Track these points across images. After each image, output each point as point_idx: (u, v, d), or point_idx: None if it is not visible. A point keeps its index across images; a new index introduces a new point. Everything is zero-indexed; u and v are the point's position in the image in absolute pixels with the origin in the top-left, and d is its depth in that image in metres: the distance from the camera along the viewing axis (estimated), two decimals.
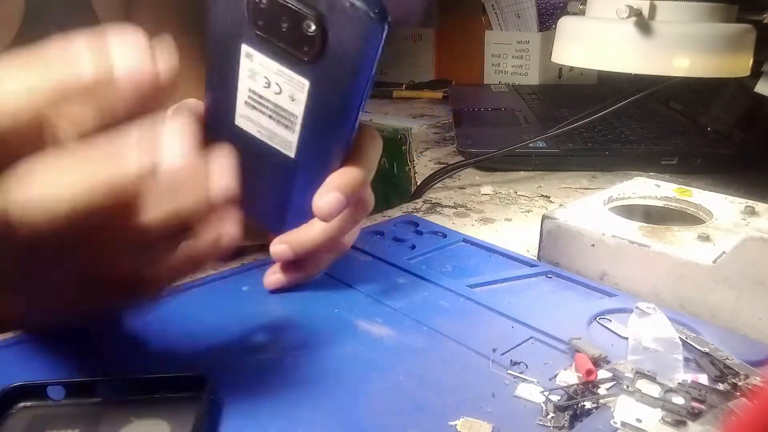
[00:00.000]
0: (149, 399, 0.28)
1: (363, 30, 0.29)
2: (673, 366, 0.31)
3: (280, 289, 0.38)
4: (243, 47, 0.32)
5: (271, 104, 0.33)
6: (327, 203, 0.33)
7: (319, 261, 0.39)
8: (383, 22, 0.29)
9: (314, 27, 0.30)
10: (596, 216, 0.43)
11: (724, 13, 0.49)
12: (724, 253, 0.37)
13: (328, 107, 0.32)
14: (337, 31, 0.30)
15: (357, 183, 0.34)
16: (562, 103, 0.94)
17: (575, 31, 0.53)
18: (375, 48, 0.30)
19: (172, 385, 0.28)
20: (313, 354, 0.33)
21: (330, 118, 0.33)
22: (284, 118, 0.33)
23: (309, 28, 0.30)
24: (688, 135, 0.74)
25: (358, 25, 0.29)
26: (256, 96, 0.33)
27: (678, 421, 0.27)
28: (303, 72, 0.31)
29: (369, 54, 0.30)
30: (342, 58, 0.30)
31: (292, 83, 0.32)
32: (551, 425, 0.27)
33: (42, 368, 0.31)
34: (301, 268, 0.38)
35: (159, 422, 0.27)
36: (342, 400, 0.29)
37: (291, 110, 0.33)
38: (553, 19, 1.12)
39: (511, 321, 0.35)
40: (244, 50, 0.32)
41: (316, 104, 0.32)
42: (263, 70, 0.32)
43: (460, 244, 0.47)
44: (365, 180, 0.35)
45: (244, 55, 0.32)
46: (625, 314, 0.36)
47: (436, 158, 0.75)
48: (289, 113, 0.33)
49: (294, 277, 0.38)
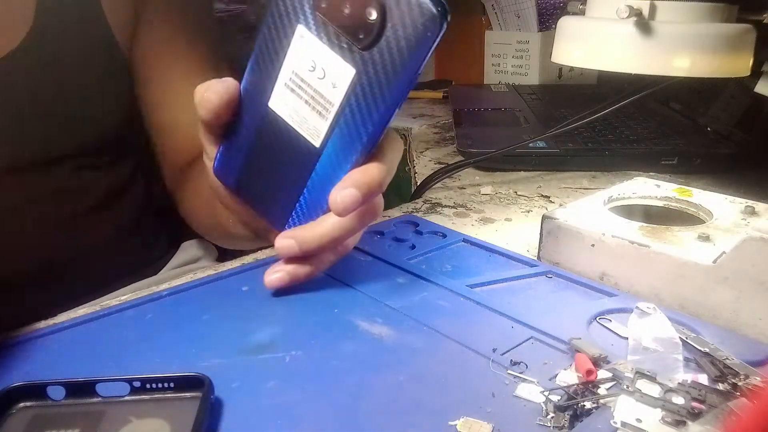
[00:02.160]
0: (149, 399, 0.28)
1: (422, 25, 0.30)
2: (673, 366, 0.31)
3: (281, 288, 0.38)
4: (299, 28, 0.33)
5: (311, 89, 0.33)
6: (343, 199, 0.33)
7: (322, 260, 0.39)
8: (443, 21, 0.30)
9: (375, 15, 0.30)
10: (596, 216, 0.43)
11: (724, 13, 0.49)
12: (724, 253, 0.37)
13: (369, 99, 0.32)
14: (397, 22, 0.30)
15: (375, 184, 0.34)
16: (562, 103, 0.94)
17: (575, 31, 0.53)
18: (429, 45, 0.30)
19: (172, 385, 0.28)
20: (313, 354, 0.33)
21: (368, 110, 0.33)
22: (320, 105, 0.34)
23: (370, 16, 0.30)
24: (688, 135, 0.74)
25: (419, 20, 0.30)
26: (298, 79, 0.34)
27: (678, 421, 0.27)
28: (352, 60, 0.32)
29: (422, 50, 0.31)
30: (394, 50, 0.31)
31: (338, 70, 0.32)
32: (551, 425, 0.27)
33: (42, 368, 0.31)
34: (303, 267, 0.38)
35: (159, 422, 0.27)
36: (342, 400, 0.29)
37: (329, 97, 0.33)
38: (553, 19, 1.12)
39: (511, 321, 0.35)
40: (299, 31, 0.33)
41: (357, 94, 0.32)
42: (312, 53, 0.33)
43: (460, 244, 0.47)
44: (384, 182, 0.35)
45: (298, 35, 0.33)
46: (625, 314, 0.36)
47: (436, 158, 0.75)
48: (327, 100, 0.33)
49: (295, 276, 0.38)
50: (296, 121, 0.35)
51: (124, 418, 0.27)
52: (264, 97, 0.35)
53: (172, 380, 0.28)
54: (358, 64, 0.32)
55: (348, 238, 0.38)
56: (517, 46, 1.14)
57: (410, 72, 0.31)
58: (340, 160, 0.35)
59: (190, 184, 0.60)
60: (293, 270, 0.38)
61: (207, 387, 0.28)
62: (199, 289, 0.40)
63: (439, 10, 0.29)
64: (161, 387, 0.28)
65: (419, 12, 0.30)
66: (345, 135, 0.34)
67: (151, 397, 0.28)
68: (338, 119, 0.33)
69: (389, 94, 0.32)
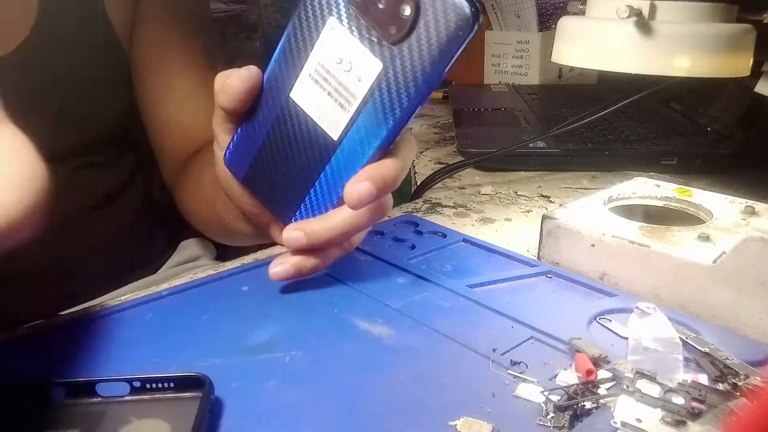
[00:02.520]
0: (149, 399, 0.28)
1: (455, 24, 0.30)
2: (673, 366, 0.31)
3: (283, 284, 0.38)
4: (330, 20, 0.33)
5: (336, 81, 0.34)
6: (359, 192, 0.33)
7: (328, 255, 0.39)
8: (476, 21, 0.30)
9: (409, 11, 0.30)
10: (596, 216, 0.43)
11: (724, 13, 0.49)
12: (724, 253, 0.37)
13: (392, 94, 0.33)
14: (429, 19, 0.30)
15: (390, 180, 0.34)
16: (562, 103, 0.94)
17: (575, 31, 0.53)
18: (459, 44, 0.31)
19: (172, 385, 0.28)
20: (313, 354, 0.33)
21: (390, 105, 0.33)
22: (343, 97, 0.34)
23: (404, 11, 0.31)
24: (688, 135, 0.74)
25: (452, 18, 0.30)
26: (323, 70, 0.34)
27: (678, 421, 0.27)
28: (380, 54, 0.32)
29: (451, 48, 0.31)
30: (424, 47, 0.31)
31: (365, 63, 0.32)
32: (551, 425, 0.27)
33: (42, 368, 0.31)
34: (309, 260, 0.38)
35: (159, 422, 0.27)
36: (342, 400, 0.29)
37: (353, 90, 0.33)
38: (553, 19, 1.12)
39: (511, 321, 0.35)
40: (331, 23, 0.33)
41: (381, 89, 0.33)
42: (341, 45, 0.33)
43: (460, 244, 0.47)
44: (398, 179, 0.35)
45: (329, 27, 0.33)
46: (625, 314, 0.36)
47: (436, 158, 0.75)
48: (351, 93, 0.33)
49: (300, 269, 0.38)
50: (316, 113, 0.35)
51: (124, 418, 0.27)
52: (286, 87, 0.35)
53: (172, 380, 0.28)
54: (386, 58, 0.32)
55: (356, 234, 0.38)
56: (517, 46, 1.14)
57: (437, 70, 0.31)
58: (357, 155, 0.35)
59: (190, 179, 0.60)
60: (299, 262, 0.38)
61: (207, 387, 0.28)
62: (199, 289, 0.40)
63: (472, 11, 0.30)
64: (161, 387, 0.28)
65: (453, 10, 0.30)
66: (364, 129, 0.34)
67: (151, 397, 0.28)
68: (359, 113, 0.34)
69: (413, 91, 0.32)
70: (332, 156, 0.35)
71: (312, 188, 0.37)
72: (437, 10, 0.30)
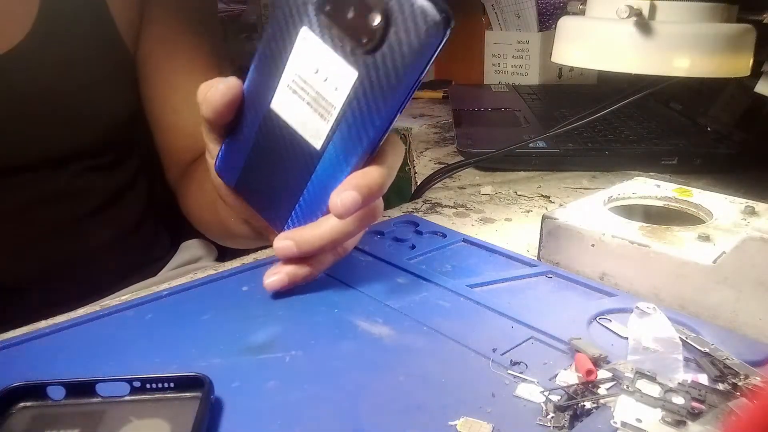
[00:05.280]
0: (149, 399, 0.28)
1: (426, 31, 0.30)
2: (673, 366, 0.31)
3: (280, 291, 0.38)
4: (302, 30, 0.33)
5: (314, 91, 0.33)
6: (344, 201, 0.33)
7: (321, 262, 0.39)
8: (447, 28, 0.30)
9: (379, 20, 0.30)
10: (596, 216, 0.43)
11: (724, 13, 0.49)
12: (724, 253, 0.37)
13: (370, 102, 0.32)
14: (400, 27, 0.30)
15: (376, 187, 0.34)
16: (562, 103, 0.94)
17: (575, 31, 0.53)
18: (432, 51, 0.30)
19: (173, 385, 0.28)
20: (313, 354, 0.32)
21: (369, 113, 0.33)
22: (322, 107, 0.33)
23: (374, 21, 0.30)
24: (688, 135, 0.74)
25: (423, 26, 0.30)
26: (300, 80, 0.34)
27: (678, 421, 0.27)
28: (354, 63, 0.32)
29: (424, 56, 0.31)
30: (397, 55, 0.31)
31: (341, 72, 0.32)
32: (551, 425, 0.27)
33: (42, 368, 0.31)
34: (302, 268, 0.38)
35: (159, 422, 0.27)
36: (342, 400, 0.29)
37: (331, 100, 0.33)
38: (553, 19, 1.12)
39: (511, 321, 0.35)
40: (303, 33, 0.33)
41: (359, 97, 0.32)
42: (316, 55, 0.33)
43: (460, 244, 0.47)
44: (384, 186, 0.35)
45: (301, 37, 0.33)
46: (625, 314, 0.36)
47: (436, 158, 0.75)
48: (329, 103, 0.33)
49: (294, 277, 0.38)
50: (298, 122, 0.35)
51: (125, 418, 0.27)
52: (266, 98, 0.35)
53: (172, 380, 0.28)
54: (361, 67, 0.32)
55: (347, 240, 0.38)
56: (517, 46, 1.14)
57: (413, 77, 0.31)
58: (341, 163, 0.35)
59: (193, 181, 0.60)
60: (292, 271, 0.38)
61: (207, 387, 0.28)
62: (199, 289, 0.40)
63: (442, 17, 0.29)
64: (161, 387, 0.28)
65: (423, 18, 0.30)
66: (346, 138, 0.34)
67: (151, 397, 0.28)
68: (340, 122, 0.33)
69: (391, 98, 0.32)
70: (317, 165, 0.35)
71: (301, 196, 0.37)
72: (407, 19, 0.30)
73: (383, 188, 0.35)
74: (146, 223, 0.66)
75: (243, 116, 0.37)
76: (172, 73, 0.60)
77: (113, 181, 0.60)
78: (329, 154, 0.35)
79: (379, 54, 0.31)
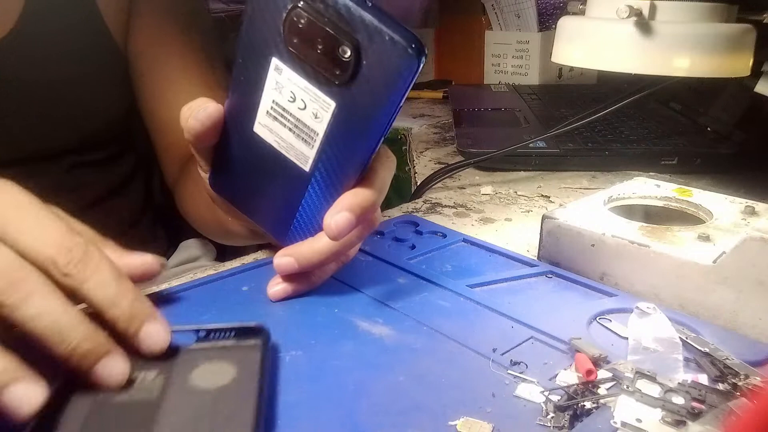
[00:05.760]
0: (214, 346, 0.30)
1: (398, 63, 0.29)
2: (673, 366, 0.31)
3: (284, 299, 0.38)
4: (273, 60, 0.32)
5: (294, 118, 0.33)
6: (337, 223, 0.33)
7: (323, 272, 0.39)
8: (419, 58, 0.29)
9: (350, 53, 0.30)
10: (596, 216, 0.43)
11: (724, 13, 0.49)
12: (724, 253, 0.37)
13: (351, 130, 0.32)
14: (372, 60, 0.30)
15: (368, 204, 0.34)
16: (562, 103, 0.94)
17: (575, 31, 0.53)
18: (407, 81, 0.30)
19: (233, 334, 0.30)
20: (313, 354, 0.32)
21: (351, 140, 0.33)
22: (305, 134, 0.33)
23: (344, 54, 0.30)
24: (688, 135, 0.74)
25: (395, 58, 0.29)
26: (279, 108, 0.33)
27: (678, 421, 0.27)
28: (331, 93, 0.31)
29: (400, 86, 0.30)
30: (372, 86, 0.30)
31: (318, 102, 0.32)
32: (551, 425, 0.27)
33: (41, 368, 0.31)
34: (304, 279, 0.38)
35: (225, 366, 0.28)
36: (342, 399, 0.29)
37: (313, 127, 0.33)
38: (553, 19, 1.12)
39: (511, 321, 0.35)
40: (274, 63, 0.32)
41: (340, 125, 0.32)
42: (290, 84, 0.32)
43: (460, 244, 0.47)
44: (377, 202, 0.35)
45: (273, 67, 0.32)
46: (625, 314, 0.36)
47: (436, 158, 0.75)
48: (311, 129, 0.33)
49: (297, 288, 0.38)
50: (283, 147, 0.34)
51: (195, 362, 0.29)
52: (248, 123, 0.35)
53: (233, 329, 0.31)
54: (338, 97, 0.31)
55: (347, 252, 0.38)
56: (517, 46, 1.14)
57: (390, 105, 0.31)
58: (332, 183, 0.34)
59: (190, 180, 0.60)
60: (294, 282, 0.38)
61: (265, 334, 0.30)
62: (199, 289, 0.40)
63: (413, 47, 0.29)
64: (224, 336, 0.31)
65: (393, 50, 0.29)
66: (333, 161, 0.33)
67: (215, 344, 0.30)
68: (324, 147, 0.33)
69: (372, 125, 0.32)
70: (307, 186, 0.35)
71: (297, 213, 0.37)
72: (378, 51, 0.29)
73: (376, 205, 0.35)
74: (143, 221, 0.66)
75: (229, 138, 0.36)
76: (163, 69, 0.60)
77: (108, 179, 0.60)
78: (318, 176, 0.34)
79: (355, 85, 0.31)
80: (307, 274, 0.38)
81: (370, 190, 0.34)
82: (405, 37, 0.29)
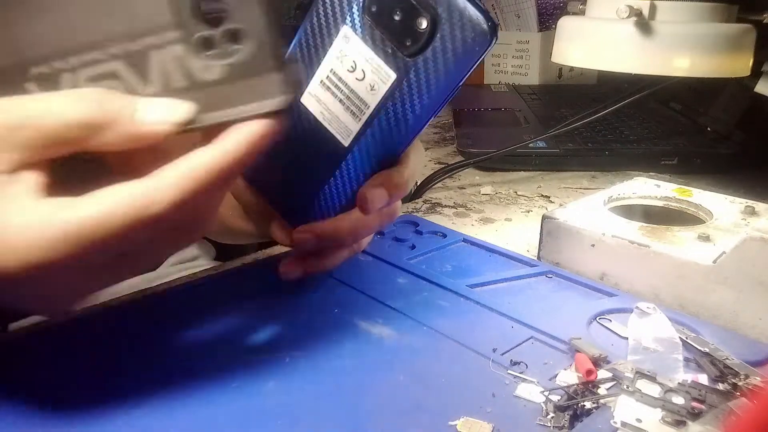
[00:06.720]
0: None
1: (472, 39, 0.29)
2: (673, 366, 0.31)
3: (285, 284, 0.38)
4: (343, 28, 0.32)
5: (348, 89, 0.33)
6: (373, 196, 0.33)
7: (336, 255, 0.38)
8: (493, 36, 0.29)
9: (426, 25, 0.30)
10: (596, 216, 0.43)
11: (724, 13, 0.49)
12: (724, 253, 0.37)
13: (406, 106, 0.32)
14: (446, 33, 0.30)
15: (402, 187, 0.34)
16: (562, 103, 0.94)
17: (575, 31, 0.53)
18: (475, 59, 0.30)
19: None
20: (313, 354, 0.32)
21: (403, 116, 0.33)
22: (355, 105, 0.33)
23: (420, 25, 0.30)
24: (688, 135, 0.74)
25: (470, 33, 0.29)
26: (335, 77, 0.33)
27: (678, 421, 0.27)
28: (394, 65, 0.31)
29: (467, 63, 0.30)
30: (440, 61, 0.30)
31: (379, 73, 0.32)
32: (551, 425, 0.27)
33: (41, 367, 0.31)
34: (317, 260, 0.38)
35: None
36: (342, 399, 0.29)
37: (366, 99, 0.33)
38: (553, 19, 1.12)
39: (511, 321, 0.35)
40: (344, 31, 0.32)
41: (395, 100, 0.32)
42: (354, 54, 0.32)
43: (460, 244, 0.47)
44: (408, 187, 0.35)
45: (341, 35, 0.33)
46: (625, 314, 0.36)
47: (436, 158, 0.75)
48: (363, 101, 0.33)
49: (309, 268, 0.38)
50: (327, 118, 0.34)
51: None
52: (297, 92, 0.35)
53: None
54: (401, 70, 0.31)
55: (365, 236, 0.38)
56: (517, 46, 1.14)
57: (452, 83, 0.31)
58: (367, 162, 0.34)
59: None
60: (307, 261, 0.38)
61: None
62: (199, 288, 0.40)
63: (490, 25, 0.29)
64: None
65: (471, 26, 0.29)
66: (376, 138, 0.33)
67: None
68: (371, 122, 0.33)
69: (427, 103, 0.32)
70: (342, 162, 0.35)
71: (321, 192, 0.37)
72: (455, 25, 0.30)
73: (407, 188, 0.35)
74: None
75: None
76: None
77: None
78: (357, 152, 0.34)
79: (422, 58, 0.31)
80: (320, 257, 0.38)
81: (406, 173, 0.35)
82: (483, 14, 0.29)
